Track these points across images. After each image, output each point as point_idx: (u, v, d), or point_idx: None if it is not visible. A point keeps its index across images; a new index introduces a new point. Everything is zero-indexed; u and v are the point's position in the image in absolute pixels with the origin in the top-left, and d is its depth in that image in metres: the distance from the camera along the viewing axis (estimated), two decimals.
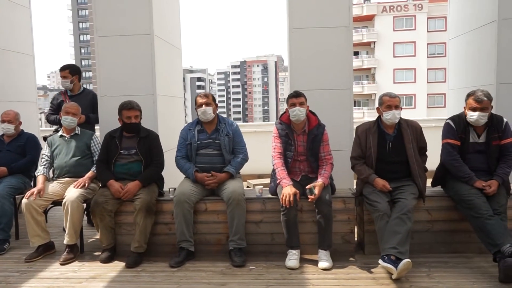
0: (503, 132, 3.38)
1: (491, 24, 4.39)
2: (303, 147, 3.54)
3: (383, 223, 3.19)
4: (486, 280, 3.00)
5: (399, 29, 43.08)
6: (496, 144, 3.37)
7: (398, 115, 3.39)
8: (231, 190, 3.45)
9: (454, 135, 3.42)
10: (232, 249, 3.45)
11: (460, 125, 3.42)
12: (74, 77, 4.53)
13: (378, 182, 3.36)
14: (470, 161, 3.39)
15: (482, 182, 3.29)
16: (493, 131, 3.38)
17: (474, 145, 3.41)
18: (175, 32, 5.30)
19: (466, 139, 3.41)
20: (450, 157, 3.41)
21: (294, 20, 4.32)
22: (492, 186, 3.26)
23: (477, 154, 3.40)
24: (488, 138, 3.38)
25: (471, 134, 3.41)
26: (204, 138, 3.67)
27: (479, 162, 3.39)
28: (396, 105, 3.39)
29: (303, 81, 4.28)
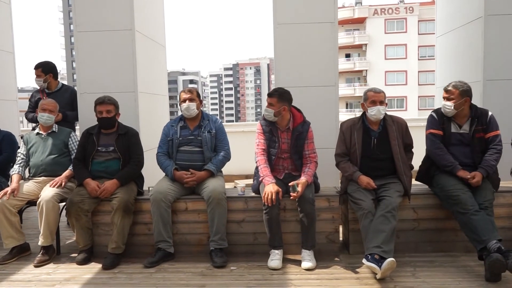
0: (487, 125, 3.34)
1: (478, 21, 4.35)
2: (287, 144, 3.45)
3: (368, 221, 3.11)
4: (472, 279, 2.93)
5: (391, 31, 43.32)
6: (480, 137, 3.33)
7: (383, 111, 3.33)
8: (212, 189, 3.34)
9: (436, 125, 3.42)
10: (213, 250, 3.34)
11: (441, 116, 3.43)
12: (48, 75, 4.38)
13: (362, 180, 3.28)
14: (454, 155, 3.34)
15: (466, 172, 3.25)
16: (476, 123, 3.34)
17: (456, 135, 3.38)
18: (159, 29, 5.20)
19: (447, 129, 3.40)
20: (433, 146, 3.39)
21: (279, 16, 4.24)
22: (475, 177, 3.21)
23: (460, 147, 3.36)
24: (471, 129, 3.35)
25: (452, 124, 3.40)
26: (186, 134, 3.57)
27: (464, 156, 3.34)
28: (381, 100, 3.32)
29: (288, 78, 4.21)
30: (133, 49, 4.26)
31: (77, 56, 4.33)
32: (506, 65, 4.23)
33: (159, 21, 5.27)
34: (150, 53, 4.85)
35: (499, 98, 4.18)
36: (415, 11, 42.62)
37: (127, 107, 4.17)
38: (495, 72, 4.25)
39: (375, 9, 43.88)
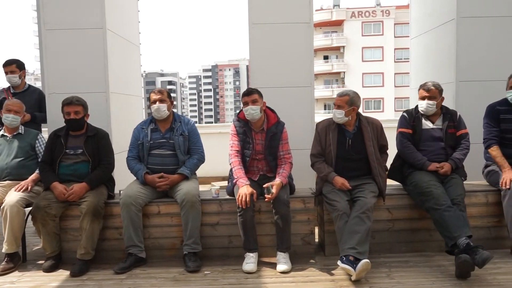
0: (458, 123, 3.48)
1: (450, 23, 4.40)
2: (262, 145, 3.40)
3: (343, 223, 3.09)
4: (446, 279, 2.95)
5: (368, 34, 43.99)
6: (452, 133, 3.45)
7: (339, 115, 3.32)
8: (185, 192, 3.26)
9: (406, 125, 3.51)
10: (187, 254, 3.26)
11: (412, 114, 3.53)
12: (22, 72, 4.25)
13: (337, 180, 3.26)
14: (426, 152, 3.43)
15: (436, 164, 3.36)
16: (448, 119, 3.47)
17: (428, 131, 3.47)
18: (132, 28, 5.07)
19: (418, 126, 3.47)
20: (402, 145, 3.50)
21: (254, 16, 4.20)
22: (444, 168, 3.33)
23: (433, 142, 3.45)
24: (444, 125, 3.46)
25: (424, 121, 3.49)
26: (158, 137, 3.46)
27: (436, 151, 3.42)
28: (339, 104, 3.33)
29: (263, 78, 4.16)
30: (104, 48, 4.13)
31: (45, 55, 4.17)
32: (478, 67, 4.30)
33: (133, 20, 5.15)
34: (123, 52, 4.73)
35: (471, 99, 4.24)
36: (391, 14, 43.40)
37: (98, 107, 4.05)
38: (467, 74, 4.30)
39: (353, 11, 44.48)
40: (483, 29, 4.28)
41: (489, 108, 3.68)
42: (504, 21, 4.28)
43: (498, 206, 3.45)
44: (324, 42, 44.71)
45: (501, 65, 4.25)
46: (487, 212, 3.51)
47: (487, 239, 3.47)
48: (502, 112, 3.59)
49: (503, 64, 4.25)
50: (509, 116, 3.57)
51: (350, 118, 3.35)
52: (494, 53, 4.28)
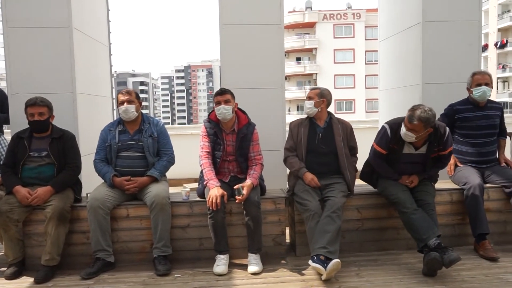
0: (444, 145, 3.26)
1: (416, 26, 4.52)
2: (232, 146, 3.39)
3: (314, 223, 3.12)
4: (413, 276, 3.02)
5: (339, 36, 44.70)
6: (435, 156, 3.32)
7: (309, 105, 3.44)
8: (155, 194, 3.21)
9: (384, 144, 3.29)
10: (157, 257, 3.20)
11: (397, 134, 3.23)
12: None
13: (307, 176, 3.31)
14: (402, 170, 3.34)
15: (406, 177, 3.34)
16: (434, 145, 3.24)
17: (409, 156, 3.29)
18: (100, 27, 4.96)
19: (399, 150, 3.28)
20: (374, 162, 3.42)
21: (225, 16, 4.18)
22: (414, 181, 3.33)
23: (411, 165, 3.32)
24: (428, 151, 3.26)
25: (406, 145, 3.26)
26: (126, 139, 3.39)
27: (413, 172, 3.34)
28: (309, 96, 3.47)
29: (235, 79, 4.15)
30: (70, 47, 4.01)
31: (7, 54, 4.01)
32: (443, 69, 4.42)
33: (101, 20, 5.03)
34: (91, 52, 4.61)
35: (436, 101, 4.33)
36: (362, 17, 44.27)
37: (64, 108, 3.93)
38: (433, 76, 4.43)
39: (325, 14, 45.08)
40: (447, 32, 4.41)
41: (448, 107, 3.80)
42: (467, 25, 4.43)
43: (462, 204, 3.56)
44: (297, 44, 45.13)
45: (464, 67, 4.39)
46: (452, 210, 3.62)
47: (452, 236, 3.58)
48: (461, 111, 3.70)
49: (466, 66, 4.39)
50: (468, 114, 3.68)
51: (319, 110, 3.43)
52: (457, 56, 4.43)
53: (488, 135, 3.71)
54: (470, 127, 3.69)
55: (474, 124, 3.68)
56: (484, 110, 3.70)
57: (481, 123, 3.67)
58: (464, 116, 3.70)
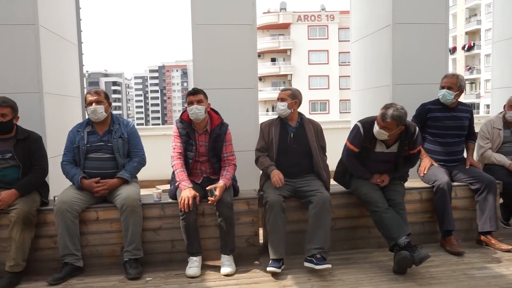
0: (414, 143, 3.34)
1: (386, 28, 4.60)
2: (205, 147, 3.36)
3: (272, 216, 3.14)
4: (384, 274, 3.07)
5: (313, 38, 45.15)
6: (405, 155, 3.39)
7: (282, 106, 3.43)
8: (125, 196, 3.14)
9: (357, 142, 3.34)
10: (127, 261, 3.14)
11: (369, 133, 3.27)
12: None
13: (274, 173, 3.27)
14: (374, 168, 3.41)
15: (377, 176, 3.40)
16: (404, 143, 3.31)
17: (380, 155, 3.34)
18: (69, 26, 4.83)
19: (371, 148, 3.33)
20: (346, 160, 3.48)
21: (197, 16, 4.15)
22: (385, 180, 3.39)
23: (382, 163, 3.38)
24: (399, 149, 3.33)
25: (378, 144, 3.32)
26: (95, 140, 3.30)
27: (384, 170, 3.41)
28: (282, 97, 3.45)
29: (207, 79, 4.13)
30: (36, 45, 3.88)
31: None
32: (412, 71, 4.52)
33: (70, 17, 4.89)
34: (59, 51, 4.48)
35: (406, 101, 4.37)
36: (336, 19, 44.88)
37: (31, 109, 3.80)
38: (403, 77, 4.52)
39: (299, 15, 45.45)
40: (416, 35, 4.51)
41: (421, 106, 3.90)
42: (435, 28, 4.55)
43: (431, 202, 3.66)
44: (272, 45, 45.34)
45: (433, 69, 4.51)
46: (421, 208, 3.70)
47: (421, 234, 3.67)
48: (432, 111, 3.80)
49: (434, 68, 4.51)
50: (438, 114, 3.78)
51: (292, 111, 3.44)
52: (426, 58, 4.53)
53: (456, 135, 3.82)
54: (439, 127, 3.79)
55: (443, 124, 3.78)
56: (454, 112, 3.81)
57: (449, 124, 3.78)
58: (435, 116, 3.80)
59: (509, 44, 5.63)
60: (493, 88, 5.97)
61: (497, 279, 2.93)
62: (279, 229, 3.14)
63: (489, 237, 3.57)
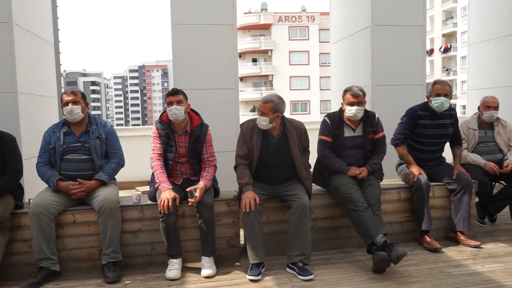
0: (376, 126, 3.56)
1: (366, 30, 4.66)
2: (185, 148, 3.32)
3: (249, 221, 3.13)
4: (364, 273, 3.09)
5: (294, 38, 45.40)
6: (371, 138, 3.55)
7: (263, 121, 3.23)
8: (103, 198, 3.08)
9: (327, 132, 3.53)
10: (105, 264, 3.07)
11: (335, 121, 3.53)
12: None
13: (247, 196, 3.14)
14: (347, 157, 3.53)
15: (355, 169, 3.47)
16: (368, 125, 3.54)
17: (350, 139, 3.53)
18: (45, 24, 4.72)
19: (340, 134, 3.52)
20: (322, 154, 3.57)
21: (176, 16, 4.12)
22: (362, 173, 3.46)
23: (354, 149, 3.53)
24: (364, 132, 3.53)
25: (346, 129, 3.54)
26: (71, 141, 3.23)
27: (357, 158, 3.54)
28: (263, 111, 3.24)
29: (187, 80, 4.11)
30: (10, 44, 3.78)
31: None
32: (390, 72, 4.60)
33: (46, 16, 4.78)
34: (34, 50, 4.38)
35: (385, 102, 4.52)
36: (316, 20, 45.24)
37: (5, 109, 3.73)
38: (381, 78, 4.59)
39: (280, 16, 45.63)
40: (394, 36, 4.59)
41: (411, 111, 3.76)
42: (413, 30, 4.63)
43: (410, 202, 3.71)
44: (253, 45, 45.39)
45: (410, 70, 4.59)
46: (400, 208, 3.75)
47: (400, 233, 3.72)
48: (422, 118, 3.73)
49: (412, 69, 4.60)
50: (427, 121, 3.73)
51: (274, 124, 3.29)
52: (404, 59, 4.61)
53: (437, 143, 3.85)
54: (425, 135, 3.76)
55: (428, 132, 3.75)
56: (440, 119, 3.75)
57: (434, 132, 3.75)
58: (424, 123, 3.74)
59: (484, 47, 5.79)
60: (469, 89, 6.13)
61: (473, 277, 2.99)
62: (256, 233, 3.13)
63: (459, 234, 3.64)
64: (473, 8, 6.02)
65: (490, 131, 4.18)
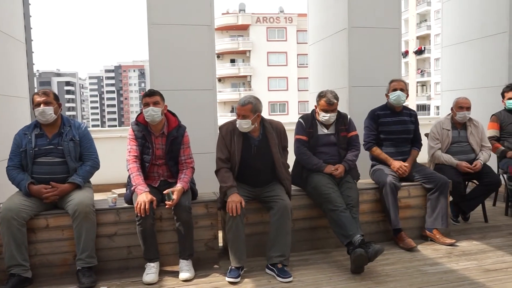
0: (348, 125, 3.70)
1: (343, 32, 4.71)
2: (162, 150, 3.27)
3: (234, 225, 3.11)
4: (342, 273, 3.12)
5: (272, 39, 45.56)
6: (344, 136, 3.66)
7: (245, 124, 3.21)
8: (77, 202, 3.00)
9: (302, 132, 3.63)
10: (80, 269, 2.99)
11: (308, 120, 3.65)
12: None
13: (232, 199, 3.10)
14: (322, 155, 3.61)
15: (331, 166, 3.54)
16: (340, 123, 3.66)
17: (323, 137, 3.64)
18: (15, 23, 4.58)
19: (314, 132, 3.63)
20: (299, 152, 3.63)
21: (153, 15, 4.06)
22: (339, 169, 3.53)
23: (328, 146, 3.63)
24: (337, 129, 3.65)
25: (319, 127, 3.66)
26: (44, 143, 3.13)
27: (331, 155, 3.62)
28: (243, 114, 3.21)
29: (164, 81, 4.05)
30: None
31: None
32: (367, 73, 4.65)
33: (17, 14, 4.64)
34: (4, 49, 4.24)
35: (362, 103, 4.56)
36: (294, 21, 45.54)
37: None
38: (358, 79, 4.64)
39: (258, 17, 45.72)
40: (371, 38, 4.65)
41: (370, 113, 4.03)
42: (388, 32, 4.70)
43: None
44: (231, 46, 45.33)
45: (386, 71, 4.65)
46: (377, 208, 3.79)
47: (377, 232, 3.76)
48: (382, 116, 3.96)
49: (388, 71, 4.66)
50: (388, 119, 3.95)
51: (256, 125, 3.29)
52: (380, 61, 4.68)
53: (402, 140, 3.98)
54: (389, 132, 3.95)
55: (392, 129, 3.94)
56: (400, 116, 3.98)
57: (397, 128, 3.95)
58: (385, 121, 3.95)
59: (457, 49, 5.93)
60: (443, 90, 6.27)
61: (447, 275, 3.05)
62: (241, 237, 3.11)
63: (434, 232, 3.72)
64: (446, 11, 6.16)
65: (463, 131, 4.28)
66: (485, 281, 2.93)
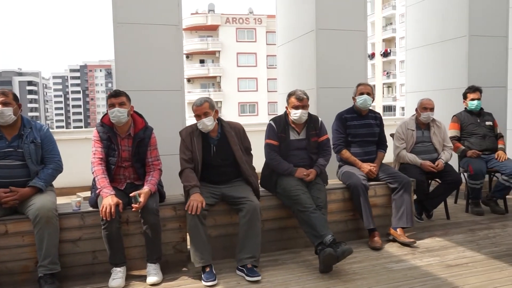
0: (319, 130, 3.68)
1: (310, 34, 4.76)
2: (128, 152, 3.20)
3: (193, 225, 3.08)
4: (311, 273, 3.14)
5: (242, 40, 45.61)
6: (314, 140, 3.66)
7: (208, 121, 3.24)
8: (39, 206, 2.89)
9: (274, 136, 3.60)
10: (42, 276, 2.88)
11: (280, 124, 3.61)
12: None
13: (194, 198, 3.10)
14: (293, 158, 3.61)
15: (303, 170, 3.54)
16: (311, 128, 3.65)
17: (295, 142, 3.62)
18: None
19: (286, 137, 3.60)
20: (269, 157, 3.61)
21: (119, 14, 3.97)
22: (310, 175, 3.53)
23: (299, 151, 3.63)
24: (308, 135, 3.64)
25: (291, 132, 3.63)
26: (3, 146, 2.99)
27: (301, 157, 3.63)
28: (205, 112, 3.25)
29: (130, 81, 3.97)
30: None
31: None
32: (334, 74, 4.73)
33: None
34: None
35: (330, 104, 4.64)
36: (263, 22, 45.76)
37: None
38: (325, 80, 4.71)
39: (227, 17, 45.65)
40: (337, 40, 4.73)
41: (338, 116, 4.11)
42: (355, 34, 4.80)
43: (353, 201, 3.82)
44: (200, 46, 45.06)
45: (353, 73, 4.74)
46: (344, 207, 3.86)
47: (345, 231, 3.83)
48: (349, 120, 4.05)
49: (355, 72, 4.75)
50: (354, 122, 4.05)
51: (216, 122, 3.34)
52: (347, 62, 4.77)
53: (368, 142, 4.09)
54: (355, 135, 4.04)
55: (358, 132, 4.04)
56: (366, 119, 4.08)
57: (363, 131, 4.05)
58: (352, 124, 4.04)
59: (420, 52, 6.12)
60: (407, 92, 6.45)
61: (412, 271, 3.14)
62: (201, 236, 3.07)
63: (398, 231, 3.81)
64: (410, 15, 6.34)
65: (426, 132, 4.42)
66: (447, 276, 3.03)
